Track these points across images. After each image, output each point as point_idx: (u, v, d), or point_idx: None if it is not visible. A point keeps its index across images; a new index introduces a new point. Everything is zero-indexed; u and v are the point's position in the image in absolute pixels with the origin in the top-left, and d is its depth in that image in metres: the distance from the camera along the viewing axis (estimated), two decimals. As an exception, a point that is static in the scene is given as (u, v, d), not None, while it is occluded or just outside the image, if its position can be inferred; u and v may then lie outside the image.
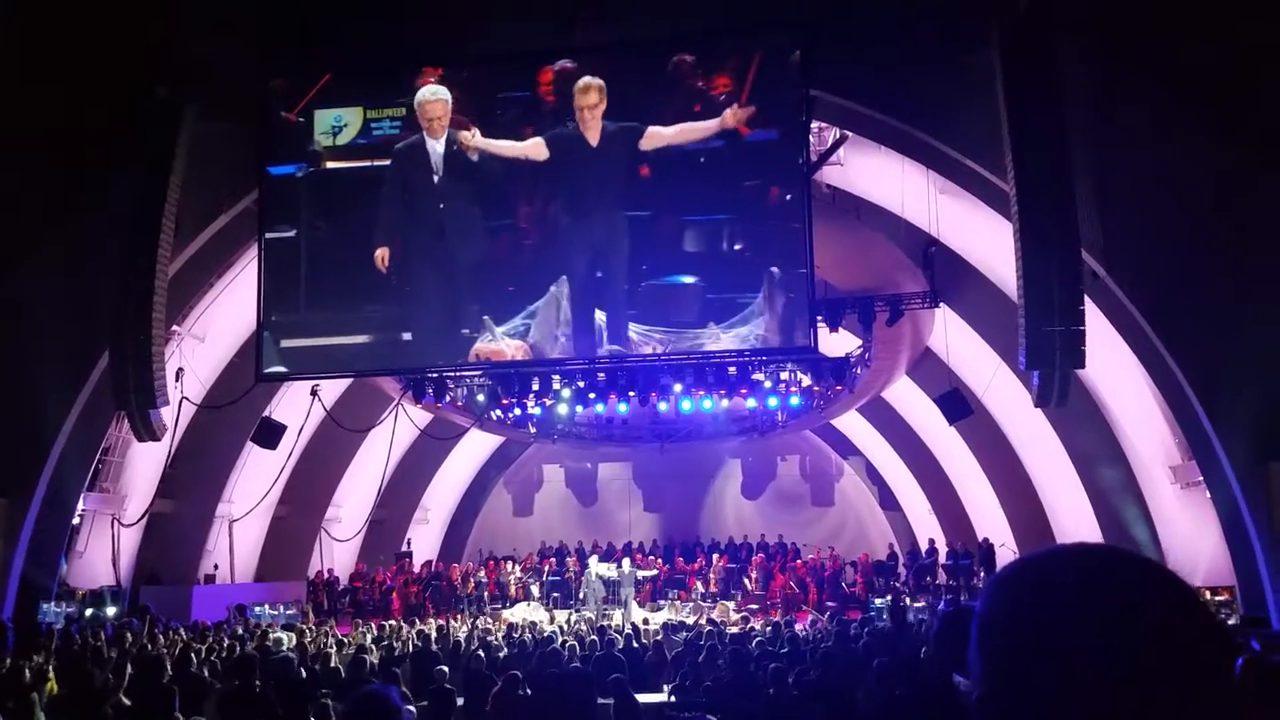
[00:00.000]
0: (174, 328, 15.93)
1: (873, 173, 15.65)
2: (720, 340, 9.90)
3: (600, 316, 11.44)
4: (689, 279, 9.81)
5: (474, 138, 11.38)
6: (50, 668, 8.07)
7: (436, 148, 11.34)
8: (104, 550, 17.80)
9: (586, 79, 11.28)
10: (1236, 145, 11.64)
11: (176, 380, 14.93)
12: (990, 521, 20.55)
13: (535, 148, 11.14)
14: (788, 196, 10.13)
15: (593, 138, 11.29)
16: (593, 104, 11.09)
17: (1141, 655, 0.91)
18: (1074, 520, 17.35)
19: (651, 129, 11.05)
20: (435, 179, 11.76)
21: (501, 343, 11.11)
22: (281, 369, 13.24)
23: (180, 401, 15.22)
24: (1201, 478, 13.42)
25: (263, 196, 12.48)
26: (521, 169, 11.56)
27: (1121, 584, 0.96)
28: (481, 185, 11.66)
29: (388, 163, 11.98)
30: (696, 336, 9.89)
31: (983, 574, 19.80)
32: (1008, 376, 16.12)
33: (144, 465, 17.91)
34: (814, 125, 14.22)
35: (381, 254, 12.28)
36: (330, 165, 11.85)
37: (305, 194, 11.62)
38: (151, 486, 17.83)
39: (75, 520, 16.71)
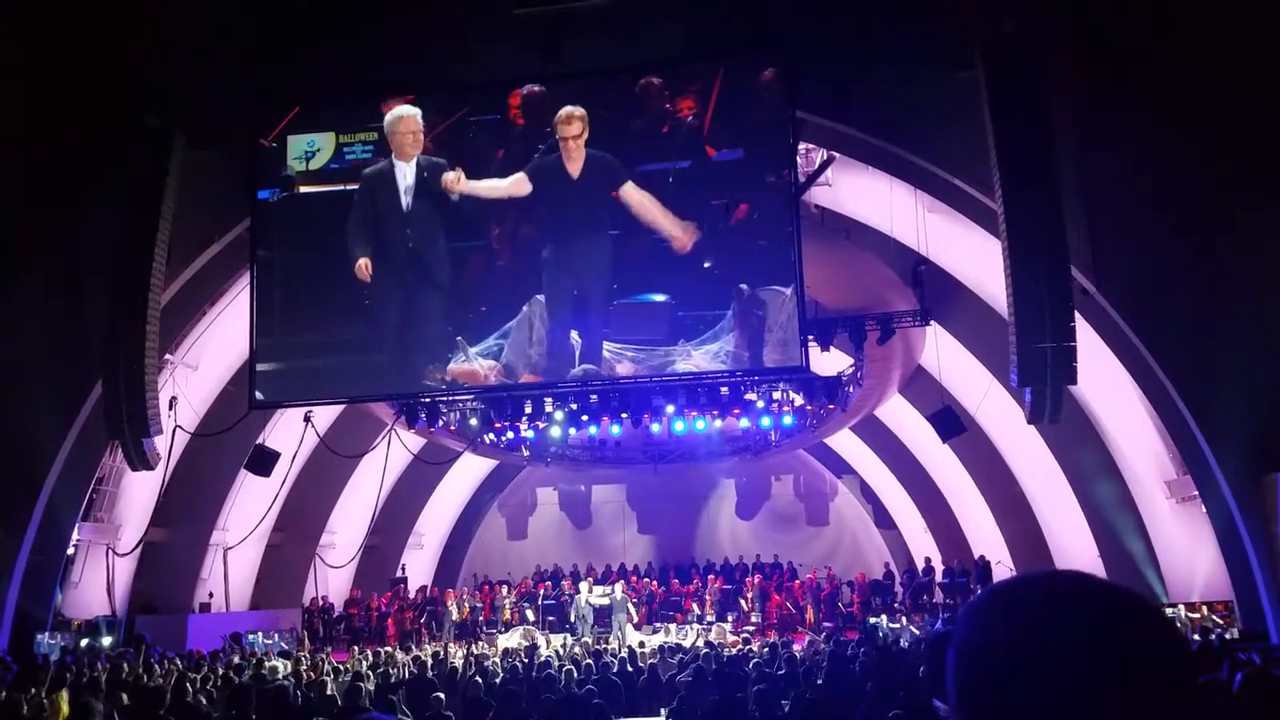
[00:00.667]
0: (167, 356, 15.91)
1: (861, 192, 15.77)
2: (691, 357, 10.08)
3: (575, 336, 11.51)
4: (660, 297, 10.02)
5: (459, 181, 11.47)
6: (63, 696, 7.98)
7: (406, 172, 11.43)
8: (99, 580, 17.68)
9: (569, 109, 11.44)
10: (1222, 161, 11.77)
11: (170, 408, 14.90)
12: (986, 539, 20.55)
13: (518, 184, 11.30)
14: (755, 215, 10.32)
15: (574, 169, 11.48)
16: (576, 134, 11.30)
17: (1111, 681, 0.92)
18: (1070, 537, 17.36)
19: (628, 186, 11.36)
20: (405, 203, 11.90)
21: (475, 363, 11.21)
22: (260, 396, 13.14)
23: (174, 430, 15.17)
24: (1196, 492, 13.46)
25: (253, 221, 12.43)
26: (474, 257, 11.95)
27: (1091, 611, 0.98)
28: (451, 209, 11.80)
29: (357, 187, 12.02)
30: (668, 354, 10.06)
31: (979, 592, 19.75)
32: (1000, 393, 16.19)
33: (138, 494, 17.82)
34: (801, 146, 14.38)
35: (363, 264, 12.30)
36: (303, 190, 12.05)
37: (278, 218, 11.78)
38: (146, 515, 17.74)
39: (70, 550, 16.60)
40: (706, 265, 9.95)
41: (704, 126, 10.33)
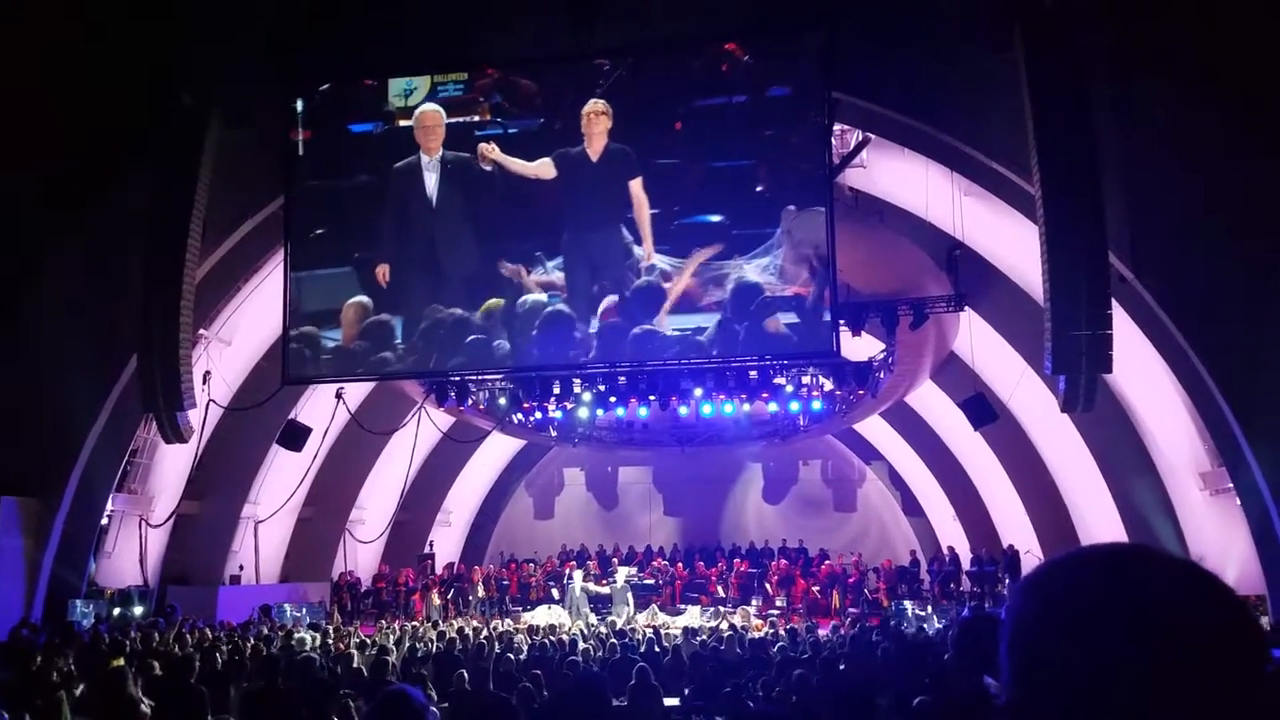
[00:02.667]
0: (201, 331, 16.09)
1: (896, 175, 15.56)
2: (744, 270, 11.05)
3: (595, 325, 12.15)
4: (716, 217, 11.04)
5: (492, 151, 11.94)
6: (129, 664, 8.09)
7: (431, 168, 11.95)
8: (132, 550, 18.01)
9: (595, 103, 12.11)
10: (1266, 146, 11.48)
11: (204, 383, 15.09)
12: (1015, 528, 20.36)
13: (544, 167, 11.91)
14: (794, 140, 11.39)
15: (594, 153, 12.16)
16: (600, 132, 12.04)
17: (1175, 657, 0.90)
18: (1101, 527, 17.15)
19: (636, 182, 12.15)
20: (431, 197, 12.40)
21: (550, 275, 11.89)
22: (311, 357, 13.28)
23: (207, 404, 15.38)
24: (1231, 484, 13.23)
25: (321, 150, 12.75)
26: (516, 188, 12.22)
27: (1155, 584, 0.95)
28: (475, 201, 12.33)
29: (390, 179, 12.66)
30: (722, 267, 11.04)
31: (1008, 581, 19.61)
32: (1034, 381, 15.97)
33: (171, 467, 18.10)
34: (836, 127, 14.20)
35: (382, 270, 12.74)
36: (402, 123, 12.62)
37: (380, 148, 12.34)
38: (179, 488, 18.03)
39: (104, 521, 16.92)
40: (759, 189, 10.96)
41: (756, 67, 11.35)
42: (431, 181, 12.27)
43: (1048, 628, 0.97)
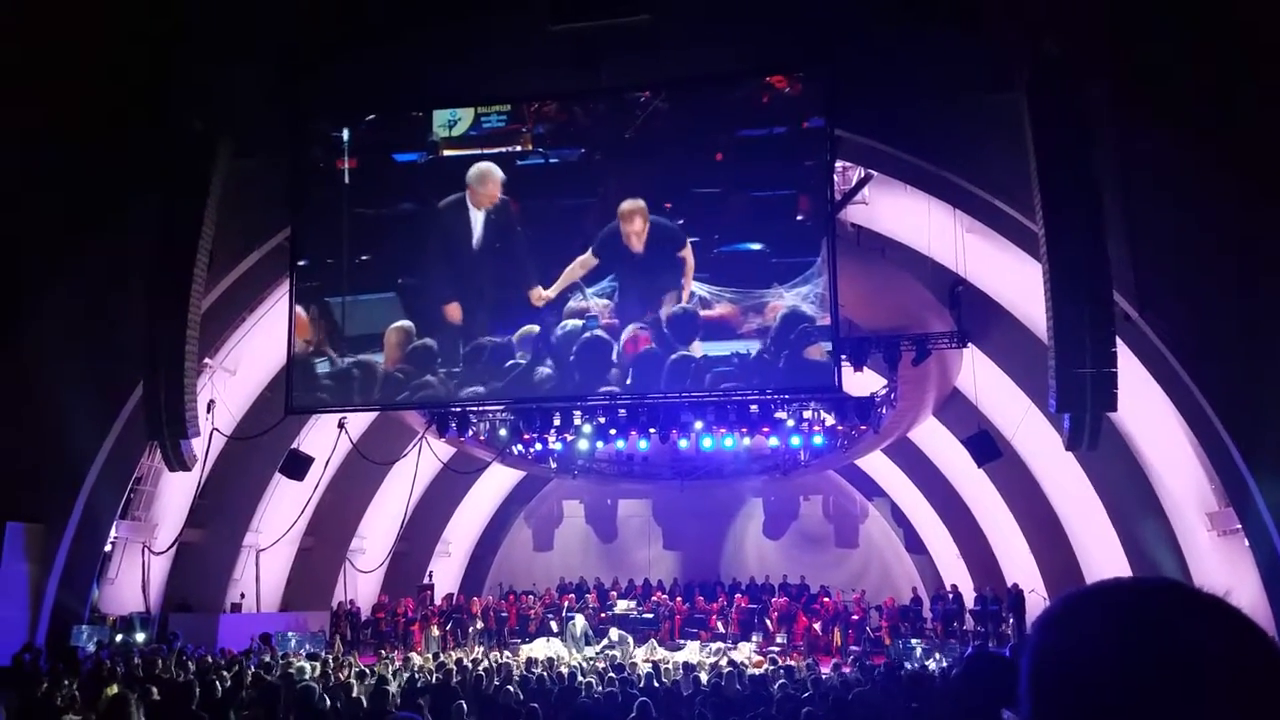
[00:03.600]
0: (206, 360, 16.14)
1: (898, 211, 15.66)
2: (784, 298, 11.25)
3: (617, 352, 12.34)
4: (756, 246, 11.23)
5: (541, 297, 12.29)
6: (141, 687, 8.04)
7: (477, 216, 12.35)
8: (134, 577, 17.94)
9: (629, 203, 12.28)
10: (1268, 186, 11.57)
11: (208, 412, 15.11)
12: (1020, 567, 20.22)
13: (585, 264, 12.23)
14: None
15: (638, 247, 12.61)
16: (639, 230, 12.36)
17: (1203, 693, 0.90)
18: (1106, 567, 17.02)
19: (687, 248, 12.44)
20: (474, 241, 12.80)
21: (590, 301, 12.21)
22: (322, 391, 13.32)
23: (211, 433, 15.39)
24: (1239, 525, 13.16)
25: (367, 178, 13.00)
26: (556, 239, 12.53)
27: (1182, 618, 0.95)
28: (519, 235, 12.71)
29: (441, 204, 12.91)
30: (762, 295, 11.22)
31: (1012, 620, 19.44)
32: (1038, 419, 15.95)
33: (175, 495, 18.09)
34: (839, 164, 14.34)
35: (454, 309, 12.91)
36: (446, 153, 13.00)
37: (423, 178, 12.71)
38: (181, 515, 18.00)
39: (107, 547, 16.88)
40: (799, 218, 11.15)
41: (800, 98, 11.64)
42: (479, 223, 12.65)
43: (1073, 661, 0.96)
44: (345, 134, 12.70)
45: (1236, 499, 12.75)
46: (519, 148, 12.43)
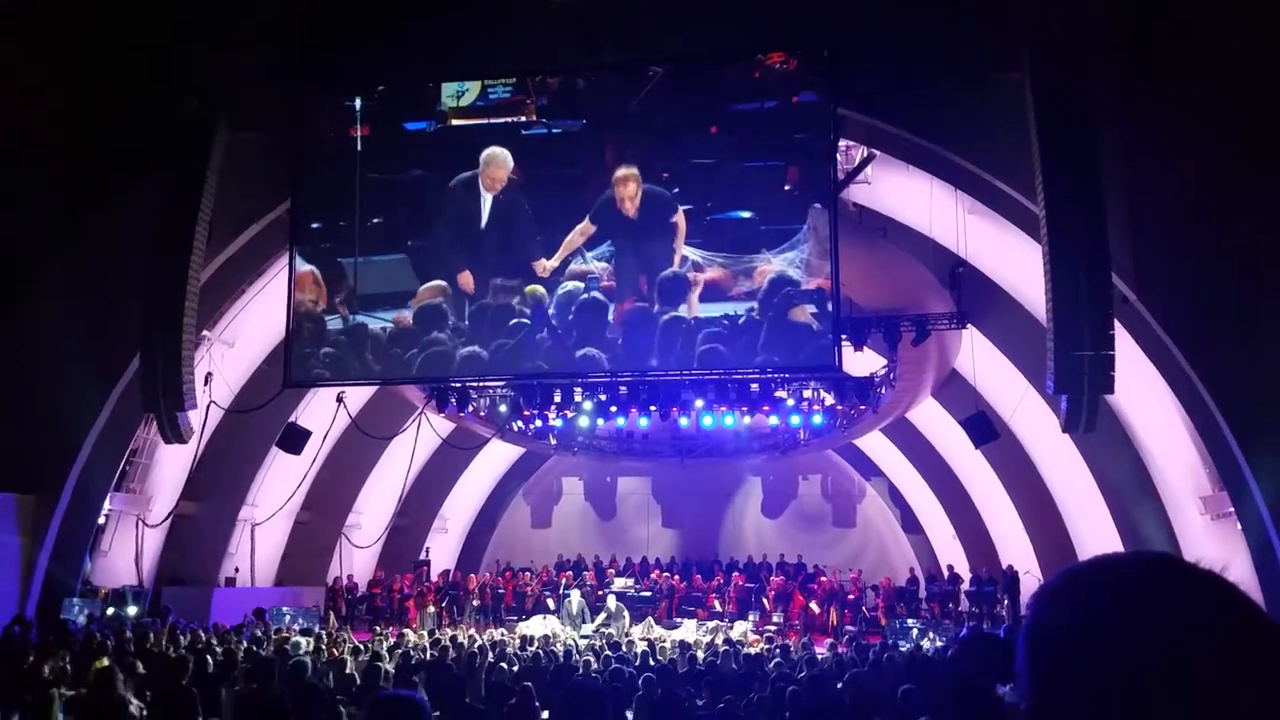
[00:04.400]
0: (204, 333, 16.11)
1: (900, 192, 15.57)
2: (771, 263, 11.75)
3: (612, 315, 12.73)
4: (746, 214, 11.73)
5: (546, 268, 12.72)
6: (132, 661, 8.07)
7: (486, 197, 12.84)
8: (128, 550, 17.99)
9: (622, 170, 12.69)
10: (1268, 170, 11.49)
11: (205, 384, 15.09)
12: (1015, 548, 20.29)
13: (583, 232, 12.77)
14: (821, 142, 12.24)
15: (631, 212, 13.05)
16: (631, 194, 12.76)
17: (1199, 666, 0.90)
18: (1100, 549, 16.82)
19: (679, 213, 12.85)
20: (482, 219, 13.28)
21: (589, 265, 12.67)
22: (331, 346, 13.58)
23: (208, 405, 15.38)
24: (1232, 509, 13.18)
25: (379, 145, 13.35)
26: (559, 208, 13.00)
27: (1178, 593, 0.95)
28: (524, 207, 13.15)
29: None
30: (751, 260, 11.75)
31: (1006, 601, 19.52)
32: (1035, 400, 15.93)
33: (170, 467, 18.10)
34: (841, 143, 14.26)
35: (465, 277, 13.28)
36: (454, 122, 13.50)
37: (433, 145, 13.27)
38: (177, 488, 18.02)
39: (101, 519, 16.90)
40: (787, 188, 11.69)
41: (795, 73, 12.13)
42: (488, 203, 13.17)
43: (1069, 635, 0.96)
44: (358, 103, 13.14)
45: (1230, 483, 12.76)
46: (524, 118, 12.83)
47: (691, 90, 12.57)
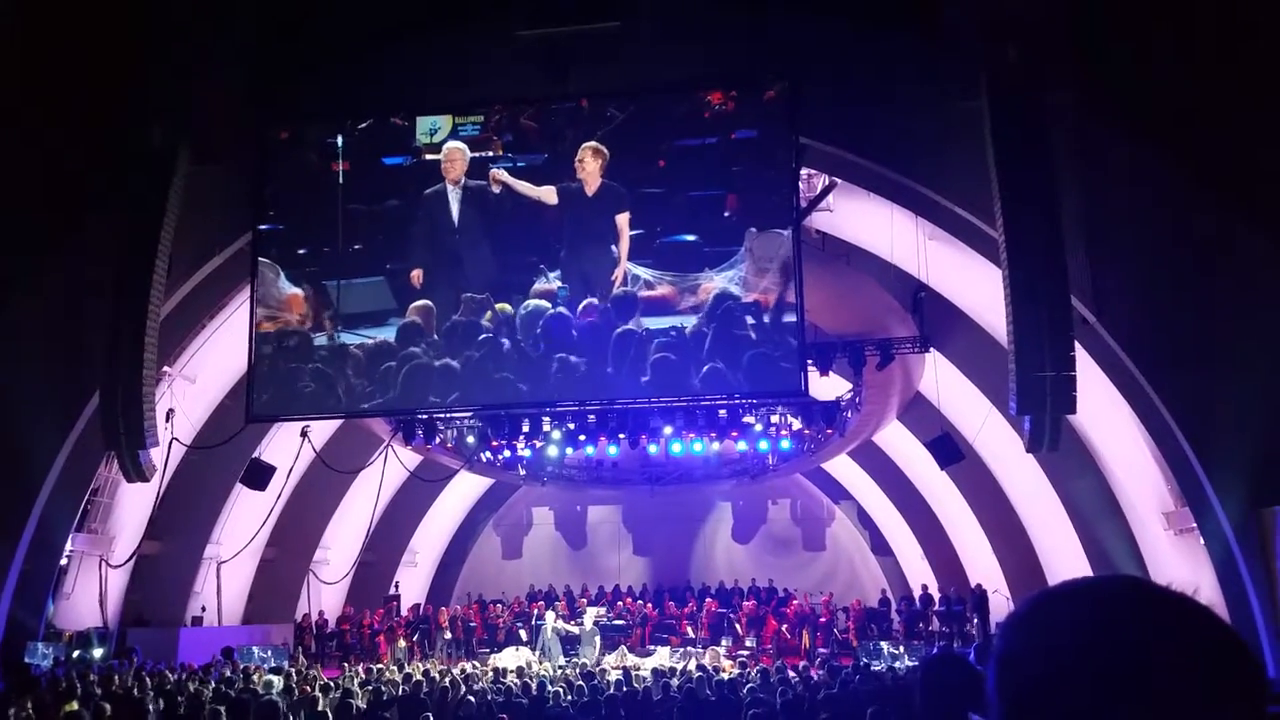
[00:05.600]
0: (165, 369, 15.89)
1: (862, 218, 15.83)
2: (714, 280, 13.08)
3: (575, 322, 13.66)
4: (691, 237, 13.14)
5: (501, 175, 13.83)
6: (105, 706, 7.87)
7: (454, 195, 13.91)
8: (91, 591, 17.58)
9: (591, 144, 13.81)
10: (1222, 193, 11.84)
11: (167, 421, 14.88)
12: (983, 567, 20.47)
13: (547, 194, 13.88)
14: (757, 174, 13.47)
15: (590, 189, 14.09)
16: (590, 170, 13.90)
17: (1171, 693, 0.90)
18: (1066, 566, 17.29)
19: (623, 216, 14.04)
20: (455, 217, 14.23)
21: (552, 283, 13.77)
22: (317, 362, 14.13)
23: (170, 442, 15.15)
24: (1195, 524, 13.42)
25: (360, 179, 14.18)
26: (524, 213, 14.01)
27: (1147, 618, 0.95)
28: (490, 221, 14.13)
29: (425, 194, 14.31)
30: (695, 278, 13.06)
31: (975, 620, 19.67)
32: (999, 421, 16.17)
33: (132, 506, 17.76)
34: (803, 171, 14.51)
35: (417, 274, 14.21)
36: (428, 156, 14.49)
37: (409, 178, 14.24)
38: (140, 527, 17.67)
39: (63, 561, 16.53)
40: (727, 215, 13.04)
41: (731, 113, 13.53)
42: (455, 205, 14.15)
43: (1042, 663, 0.96)
44: (339, 140, 13.97)
45: (1192, 498, 13.01)
46: (491, 153, 13.90)
47: (643, 130, 13.80)
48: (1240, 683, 0.93)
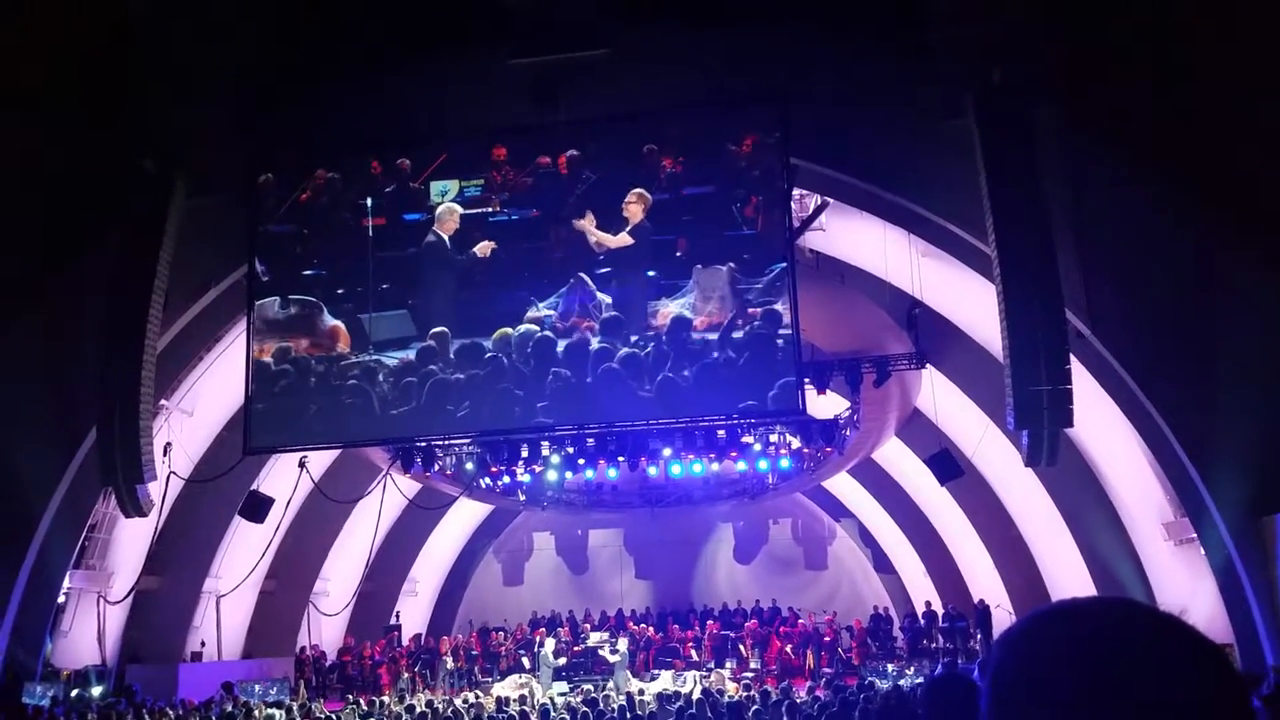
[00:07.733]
0: (162, 402, 15.88)
1: (855, 237, 15.92)
2: (668, 307, 14.77)
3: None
4: (652, 272, 14.98)
5: (590, 224, 15.34)
6: None
7: (448, 243, 15.86)
8: (89, 629, 17.45)
9: (638, 189, 15.20)
10: (1211, 204, 11.92)
11: (164, 455, 14.85)
12: (985, 582, 20.41)
13: (624, 239, 15.38)
14: (702, 223, 15.05)
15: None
16: (637, 201, 15.37)
17: (1159, 711, 0.91)
18: (1068, 580, 17.26)
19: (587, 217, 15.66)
20: (454, 270, 16.00)
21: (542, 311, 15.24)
22: (350, 380, 15.37)
23: (168, 476, 15.11)
24: (1195, 534, 13.41)
25: (387, 232, 15.75)
26: (519, 274, 15.67)
27: (1140, 640, 0.96)
28: (468, 264, 15.77)
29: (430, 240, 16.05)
30: (653, 306, 14.83)
31: (979, 636, 19.59)
32: (997, 436, 16.18)
33: (131, 541, 17.67)
34: (796, 192, 14.62)
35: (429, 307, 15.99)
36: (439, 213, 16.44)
37: (425, 230, 16.02)
38: (138, 563, 17.57)
39: (61, 598, 16.42)
40: (678, 254, 14.86)
41: (681, 174, 15.24)
42: (451, 252, 16.08)
43: (1033, 682, 0.98)
44: (369, 201, 15.96)
45: (1191, 509, 13.01)
46: (490, 209, 15.80)
47: (610, 187, 15.52)
48: (1224, 704, 0.94)
